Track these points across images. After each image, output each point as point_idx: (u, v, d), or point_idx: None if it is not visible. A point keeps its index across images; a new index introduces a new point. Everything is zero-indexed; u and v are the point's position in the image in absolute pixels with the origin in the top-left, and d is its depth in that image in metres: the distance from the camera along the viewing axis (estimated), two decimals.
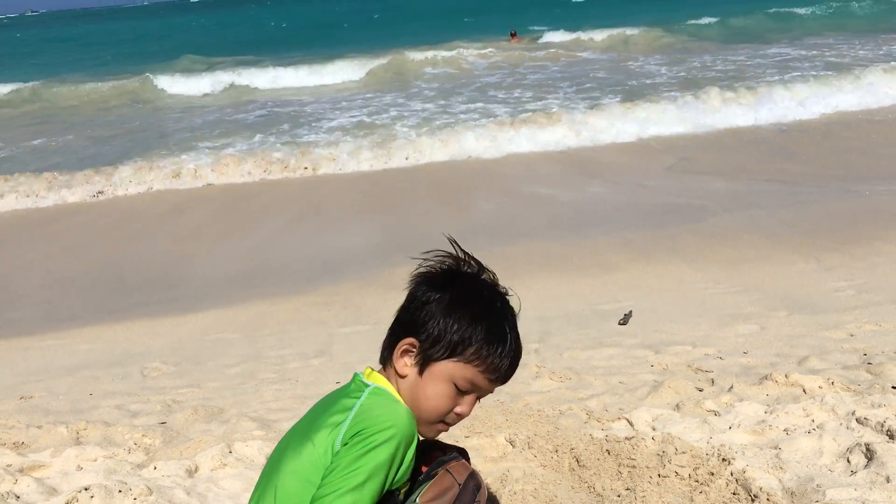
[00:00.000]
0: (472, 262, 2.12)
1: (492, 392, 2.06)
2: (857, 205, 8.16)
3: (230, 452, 3.54)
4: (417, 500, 2.01)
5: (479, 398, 2.04)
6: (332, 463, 1.86)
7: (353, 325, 5.96)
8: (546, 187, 10.42)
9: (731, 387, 3.90)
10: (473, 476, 2.09)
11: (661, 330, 5.12)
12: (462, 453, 2.15)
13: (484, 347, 1.96)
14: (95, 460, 3.55)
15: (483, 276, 2.10)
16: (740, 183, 9.68)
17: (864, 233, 7.14)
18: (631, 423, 3.63)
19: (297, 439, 1.99)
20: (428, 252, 2.11)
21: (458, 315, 1.98)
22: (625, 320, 5.37)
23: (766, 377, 3.95)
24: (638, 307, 5.65)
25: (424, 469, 2.07)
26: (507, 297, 2.09)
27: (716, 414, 3.61)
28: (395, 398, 1.98)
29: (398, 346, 2.02)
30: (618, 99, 14.59)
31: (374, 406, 1.94)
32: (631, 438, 3.30)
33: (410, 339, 2.01)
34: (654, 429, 3.52)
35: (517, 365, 2.05)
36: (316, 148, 12.60)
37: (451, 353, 1.96)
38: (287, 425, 3.96)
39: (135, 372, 5.17)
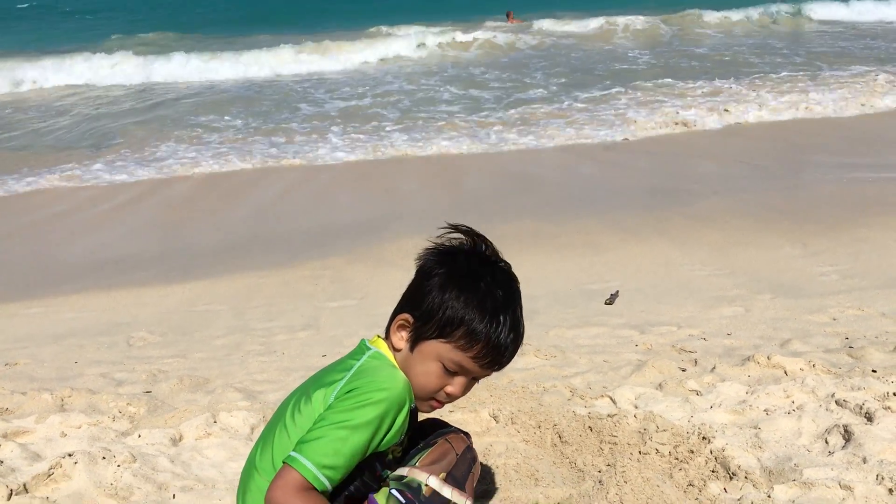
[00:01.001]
0: (487, 244, 2.08)
1: (486, 376, 2.03)
2: (843, 191, 8.21)
3: (215, 422, 3.56)
4: (417, 463, 2.05)
5: (474, 380, 2.03)
6: (322, 413, 1.90)
7: (341, 300, 5.97)
8: (536, 167, 10.42)
9: (714, 367, 3.94)
10: (470, 449, 2.13)
11: (647, 310, 5.15)
12: (466, 436, 2.17)
13: (473, 333, 1.93)
14: (80, 427, 3.56)
15: (493, 259, 2.05)
16: (729, 167, 9.71)
17: (849, 219, 7.18)
18: (614, 401, 3.66)
19: (298, 396, 2.04)
20: (446, 228, 2.08)
21: (452, 294, 1.96)
22: (611, 300, 5.40)
23: (748, 359, 3.98)
24: (625, 288, 5.68)
25: None
26: (515, 286, 2.04)
27: (698, 393, 3.65)
28: (393, 364, 2.01)
29: (395, 321, 2.04)
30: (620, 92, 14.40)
31: (371, 368, 1.98)
32: (613, 416, 3.33)
33: (405, 315, 2.02)
34: (636, 407, 3.55)
35: (511, 355, 2.00)
36: (299, 136, 12.39)
37: (440, 333, 1.95)
38: (273, 397, 3.99)
39: (121, 341, 5.17)
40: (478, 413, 3.54)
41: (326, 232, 7.96)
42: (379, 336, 2.11)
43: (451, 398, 2.02)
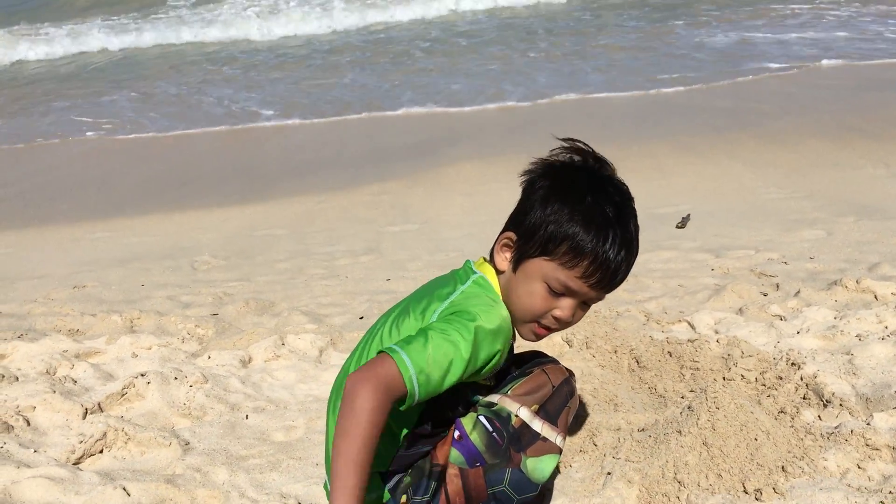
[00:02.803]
0: (599, 161, 1.89)
1: (599, 299, 1.85)
2: None
3: (283, 345, 3.52)
4: (509, 392, 1.93)
5: (586, 305, 1.86)
6: (424, 326, 1.78)
7: (402, 224, 5.88)
8: (593, 90, 10.06)
9: (798, 292, 3.75)
10: (568, 382, 1.99)
11: (721, 234, 4.94)
12: (569, 373, 2.03)
13: (578, 248, 1.75)
14: (150, 348, 3.56)
15: (604, 175, 1.87)
16: (801, 88, 9.24)
17: None
18: (692, 326, 3.52)
19: (398, 313, 1.92)
20: (560, 143, 1.89)
21: (555, 208, 1.79)
22: (682, 223, 5.20)
23: (835, 283, 3.78)
24: (696, 211, 5.46)
25: None
26: (629, 203, 1.85)
27: (782, 318, 3.48)
28: (497, 296, 1.86)
29: (498, 240, 1.89)
30: None
31: (474, 296, 1.84)
32: (693, 341, 3.19)
33: (509, 234, 1.86)
34: (717, 332, 3.41)
35: (624, 274, 1.83)
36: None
37: (544, 250, 1.79)
38: (339, 320, 3.94)
39: (185, 265, 5.16)
40: (550, 337, 3.43)
41: (382, 156, 7.83)
42: (485, 259, 1.96)
43: (560, 324, 1.85)
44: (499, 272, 1.89)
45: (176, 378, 3.10)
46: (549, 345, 3.39)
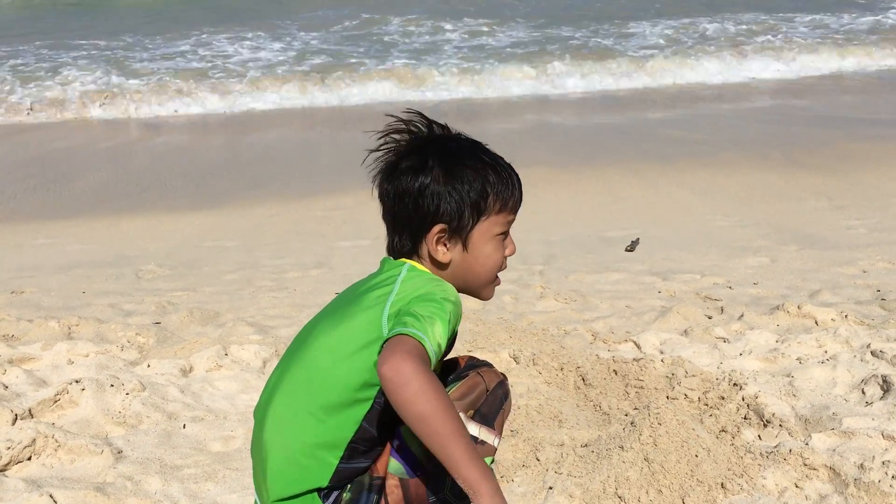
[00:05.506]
0: (432, 125, 1.96)
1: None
2: (869, 147, 8.00)
3: (226, 355, 3.45)
4: None
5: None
6: (391, 326, 1.75)
7: (354, 240, 5.84)
8: (554, 114, 10.20)
9: (742, 315, 3.81)
10: (503, 384, 1.98)
11: (668, 258, 5.01)
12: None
13: (500, 192, 1.88)
14: (87, 355, 3.45)
15: (452, 132, 1.97)
16: (752, 121, 9.49)
17: (878, 174, 7.00)
18: (638, 346, 3.55)
19: (330, 318, 1.86)
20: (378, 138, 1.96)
21: (457, 179, 1.85)
22: (632, 247, 5.25)
23: (777, 307, 3.85)
24: (645, 235, 5.53)
25: None
26: (479, 141, 2.00)
27: (726, 341, 3.53)
28: (435, 277, 1.87)
29: (428, 240, 1.86)
30: None
31: (417, 277, 1.83)
32: (639, 360, 3.21)
33: (437, 227, 1.86)
34: (662, 352, 3.44)
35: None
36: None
37: (478, 213, 1.86)
38: (286, 332, 3.87)
39: (129, 273, 5.04)
40: (497, 354, 3.43)
41: (333, 171, 7.79)
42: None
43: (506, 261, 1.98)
44: (442, 266, 1.87)
45: (112, 385, 3.00)
46: (496, 360, 3.38)
